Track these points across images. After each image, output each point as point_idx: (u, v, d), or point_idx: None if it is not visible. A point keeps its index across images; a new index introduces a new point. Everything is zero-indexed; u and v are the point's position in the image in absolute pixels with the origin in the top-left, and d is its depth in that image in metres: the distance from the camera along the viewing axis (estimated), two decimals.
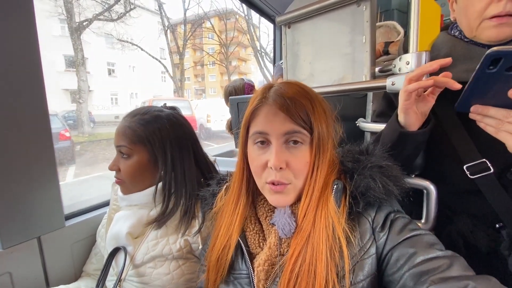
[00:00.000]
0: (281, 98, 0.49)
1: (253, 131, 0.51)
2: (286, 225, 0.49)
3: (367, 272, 0.45)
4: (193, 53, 24.80)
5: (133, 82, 17.96)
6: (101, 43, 15.57)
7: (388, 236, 0.46)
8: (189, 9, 20.69)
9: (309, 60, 1.01)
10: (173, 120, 0.77)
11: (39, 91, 0.72)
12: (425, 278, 0.39)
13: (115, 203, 0.82)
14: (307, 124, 0.48)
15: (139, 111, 0.77)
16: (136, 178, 0.74)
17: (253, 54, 16.81)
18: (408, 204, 0.53)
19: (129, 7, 11.95)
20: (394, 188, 0.47)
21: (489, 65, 0.40)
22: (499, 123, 0.46)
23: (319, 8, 0.92)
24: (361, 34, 0.83)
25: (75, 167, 5.54)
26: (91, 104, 13.94)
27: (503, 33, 0.58)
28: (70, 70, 13.05)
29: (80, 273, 0.88)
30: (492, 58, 0.39)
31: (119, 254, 0.73)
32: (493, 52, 0.39)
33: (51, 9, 10.28)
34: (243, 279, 0.53)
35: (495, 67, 0.40)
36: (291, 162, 0.49)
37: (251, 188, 0.57)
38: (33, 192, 0.73)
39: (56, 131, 5.00)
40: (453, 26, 0.70)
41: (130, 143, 0.72)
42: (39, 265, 0.77)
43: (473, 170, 0.60)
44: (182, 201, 0.74)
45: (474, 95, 0.46)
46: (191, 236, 0.72)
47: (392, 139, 0.60)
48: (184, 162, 0.76)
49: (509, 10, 0.55)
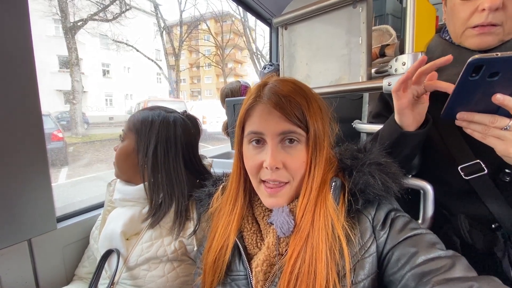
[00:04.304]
0: (276, 96, 0.48)
1: (248, 131, 0.51)
2: (285, 224, 0.48)
3: (368, 271, 0.45)
4: (189, 55, 24.76)
5: (128, 83, 17.82)
6: (95, 44, 15.43)
7: (388, 234, 0.46)
8: (185, 10, 20.69)
9: (305, 61, 1.01)
10: (167, 121, 0.77)
11: (32, 91, 0.70)
12: (427, 279, 0.38)
13: (110, 204, 0.81)
14: (302, 123, 0.48)
15: (152, 107, 0.81)
16: (120, 162, 0.77)
17: (249, 56, 16.86)
18: (405, 205, 0.53)
19: (124, 7, 11.88)
20: (393, 185, 0.47)
21: (472, 72, 0.41)
22: (486, 129, 0.46)
23: (315, 9, 0.92)
24: (357, 36, 0.83)
25: (68, 168, 5.45)
26: (85, 105, 13.78)
27: (485, 42, 0.60)
28: (64, 71, 12.90)
29: (72, 277, 0.86)
30: (474, 65, 0.40)
31: (112, 256, 0.71)
32: (475, 60, 0.39)
33: (45, 9, 10.17)
34: (240, 281, 0.52)
35: (478, 74, 0.41)
36: (287, 162, 0.48)
37: (248, 188, 0.56)
38: (24, 193, 0.71)
39: (49, 131, 4.93)
40: (445, 29, 0.72)
41: (126, 128, 0.78)
42: (29, 268, 0.75)
43: (467, 171, 0.61)
44: (174, 202, 0.73)
45: (459, 103, 0.47)
46: (186, 237, 0.71)
47: (391, 139, 0.60)
48: (169, 162, 0.75)
49: (490, 21, 0.57)
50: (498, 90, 0.42)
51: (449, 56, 0.48)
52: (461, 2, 0.61)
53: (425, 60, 0.50)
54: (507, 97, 0.42)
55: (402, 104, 0.56)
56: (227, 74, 20.16)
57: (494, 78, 0.41)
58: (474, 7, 0.58)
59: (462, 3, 0.61)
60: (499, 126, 0.44)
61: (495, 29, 0.58)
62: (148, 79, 19.21)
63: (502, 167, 0.58)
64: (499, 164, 0.56)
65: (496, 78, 0.41)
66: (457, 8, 0.62)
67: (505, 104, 0.42)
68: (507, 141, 0.44)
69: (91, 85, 15.37)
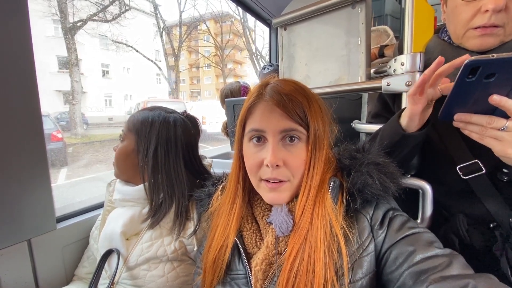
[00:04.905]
0: (278, 95, 0.49)
1: (249, 128, 0.51)
2: (284, 223, 0.48)
3: (366, 270, 0.45)
4: (189, 55, 24.76)
5: (128, 84, 17.81)
6: (95, 44, 15.42)
7: (386, 234, 0.46)
8: (185, 11, 20.69)
9: (305, 61, 1.01)
10: (167, 121, 0.77)
11: (32, 91, 0.70)
12: (424, 277, 0.39)
13: (110, 204, 0.81)
14: (303, 121, 0.49)
15: (152, 107, 0.81)
16: (120, 162, 0.77)
17: (248, 56, 16.87)
18: (404, 204, 0.54)
19: (124, 8, 11.88)
20: (391, 185, 0.48)
21: (468, 74, 0.41)
22: (483, 130, 0.46)
23: (314, 10, 0.93)
24: (356, 36, 0.84)
25: (67, 169, 5.44)
26: (85, 105, 13.76)
27: (486, 43, 0.60)
28: (64, 71, 12.88)
29: (72, 277, 0.86)
30: (471, 67, 0.40)
31: (112, 256, 0.71)
32: (471, 61, 0.40)
33: (44, 10, 10.15)
34: (240, 280, 0.52)
35: (474, 75, 0.41)
36: (288, 160, 0.48)
37: (248, 187, 0.57)
38: (24, 193, 0.71)
39: (48, 132, 4.92)
40: (443, 30, 0.72)
41: (126, 129, 0.77)
42: (29, 269, 0.75)
43: (465, 170, 0.61)
44: (174, 202, 0.73)
45: (456, 104, 0.47)
46: (186, 237, 0.71)
47: (393, 140, 0.60)
48: (169, 163, 0.75)
49: (493, 22, 0.57)
50: (494, 91, 0.42)
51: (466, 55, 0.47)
52: (463, 3, 0.60)
53: (443, 62, 0.49)
54: (503, 98, 0.42)
55: (417, 109, 0.54)
56: (226, 74, 20.16)
57: (491, 79, 0.41)
58: (477, 8, 0.58)
59: (464, 4, 0.60)
60: (496, 126, 0.45)
61: (497, 30, 0.58)
62: (148, 80, 19.20)
63: (500, 166, 0.58)
64: (497, 164, 0.56)
65: (492, 79, 0.41)
66: (459, 9, 0.62)
67: (501, 105, 0.42)
68: (504, 141, 0.44)
69: (91, 86, 15.34)
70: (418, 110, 0.54)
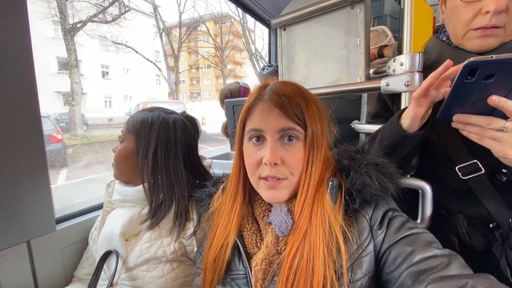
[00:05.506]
0: (277, 96, 0.50)
1: (249, 128, 0.52)
2: (283, 223, 0.49)
3: (366, 270, 0.45)
4: (188, 56, 24.79)
5: (128, 85, 17.82)
6: (95, 45, 15.44)
7: (386, 234, 0.46)
8: (185, 12, 20.71)
9: (304, 62, 1.01)
10: (167, 122, 0.77)
11: (31, 93, 0.70)
12: (423, 277, 0.39)
13: (109, 205, 0.81)
14: (301, 121, 0.49)
15: (152, 108, 0.81)
16: (119, 164, 0.77)
17: (248, 57, 16.89)
18: (404, 205, 0.54)
19: (123, 9, 11.90)
20: (390, 185, 0.48)
21: (467, 75, 0.41)
22: (482, 130, 0.46)
23: (313, 10, 0.93)
24: (355, 37, 0.84)
25: (67, 170, 5.44)
26: (84, 106, 13.78)
27: (486, 44, 0.60)
28: (63, 72, 12.89)
29: (71, 278, 0.85)
30: (470, 68, 0.40)
31: (111, 257, 0.71)
32: (470, 62, 0.40)
33: (44, 11, 10.17)
34: (240, 280, 0.53)
35: (473, 76, 0.41)
36: (286, 158, 0.49)
37: (248, 187, 0.57)
38: (23, 194, 0.71)
39: (48, 133, 4.92)
40: (442, 30, 0.72)
41: (125, 130, 0.77)
42: (29, 270, 0.75)
43: (465, 171, 0.61)
44: (174, 203, 0.73)
45: (455, 105, 0.47)
46: (186, 238, 0.71)
47: (394, 141, 0.60)
48: (169, 164, 0.75)
49: (494, 23, 0.57)
50: (493, 92, 0.42)
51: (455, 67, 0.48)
52: (463, 4, 0.60)
53: (451, 65, 0.48)
54: (502, 99, 0.42)
55: (420, 111, 0.54)
56: (226, 75, 20.17)
57: (490, 80, 0.41)
58: (477, 9, 0.58)
59: (464, 5, 0.60)
60: (495, 127, 0.44)
61: (498, 31, 0.58)
62: (147, 81, 19.22)
63: (499, 167, 0.58)
64: (496, 164, 0.56)
65: (491, 80, 0.41)
66: (459, 10, 0.61)
67: (500, 105, 0.42)
68: (503, 142, 0.44)
69: (90, 87, 15.37)
70: (422, 113, 0.54)
